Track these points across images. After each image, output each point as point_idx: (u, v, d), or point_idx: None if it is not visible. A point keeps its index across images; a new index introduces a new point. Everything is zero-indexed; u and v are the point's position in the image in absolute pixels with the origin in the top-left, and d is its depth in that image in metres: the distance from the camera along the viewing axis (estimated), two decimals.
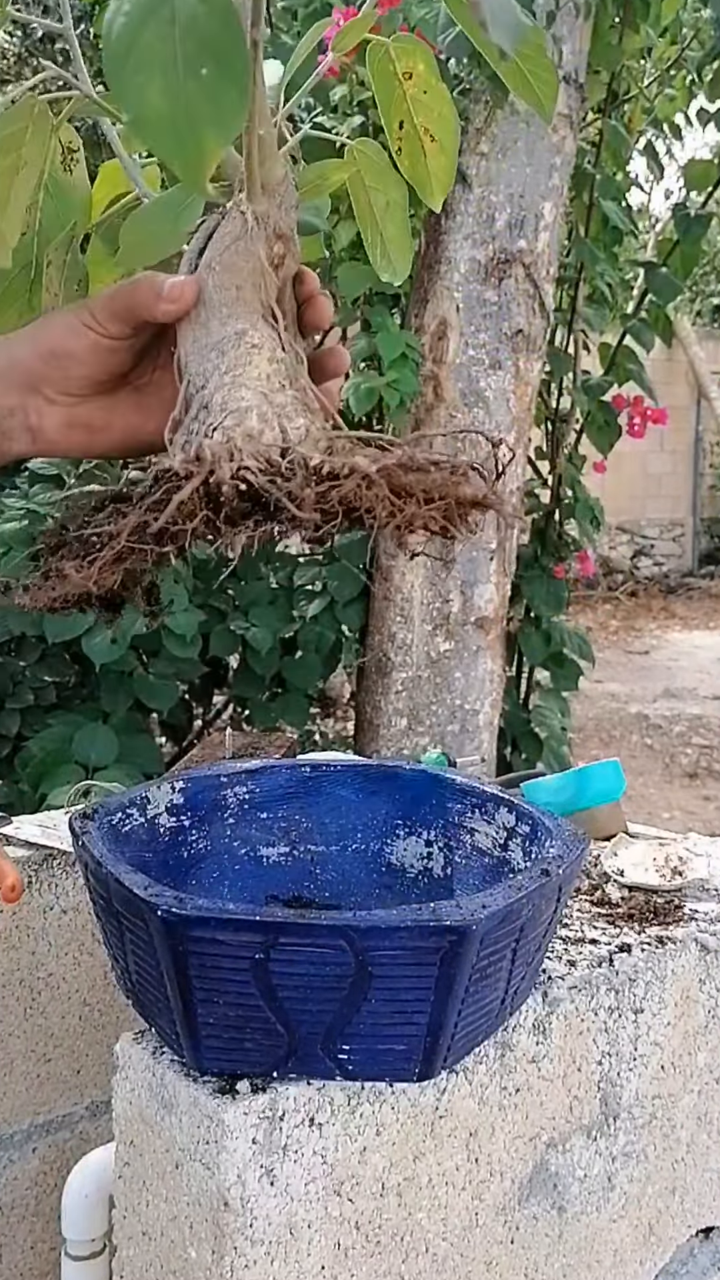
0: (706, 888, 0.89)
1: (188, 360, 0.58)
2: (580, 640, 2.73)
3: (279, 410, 0.54)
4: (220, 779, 0.80)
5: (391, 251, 0.73)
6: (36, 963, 0.95)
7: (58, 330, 0.62)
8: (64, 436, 0.63)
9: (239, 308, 0.57)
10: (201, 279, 0.58)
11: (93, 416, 0.63)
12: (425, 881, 0.80)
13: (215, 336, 0.57)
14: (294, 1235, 0.59)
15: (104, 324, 0.61)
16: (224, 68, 0.45)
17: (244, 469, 0.50)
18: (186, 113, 0.45)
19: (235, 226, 0.58)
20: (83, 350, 0.61)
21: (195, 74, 0.45)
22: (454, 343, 2.29)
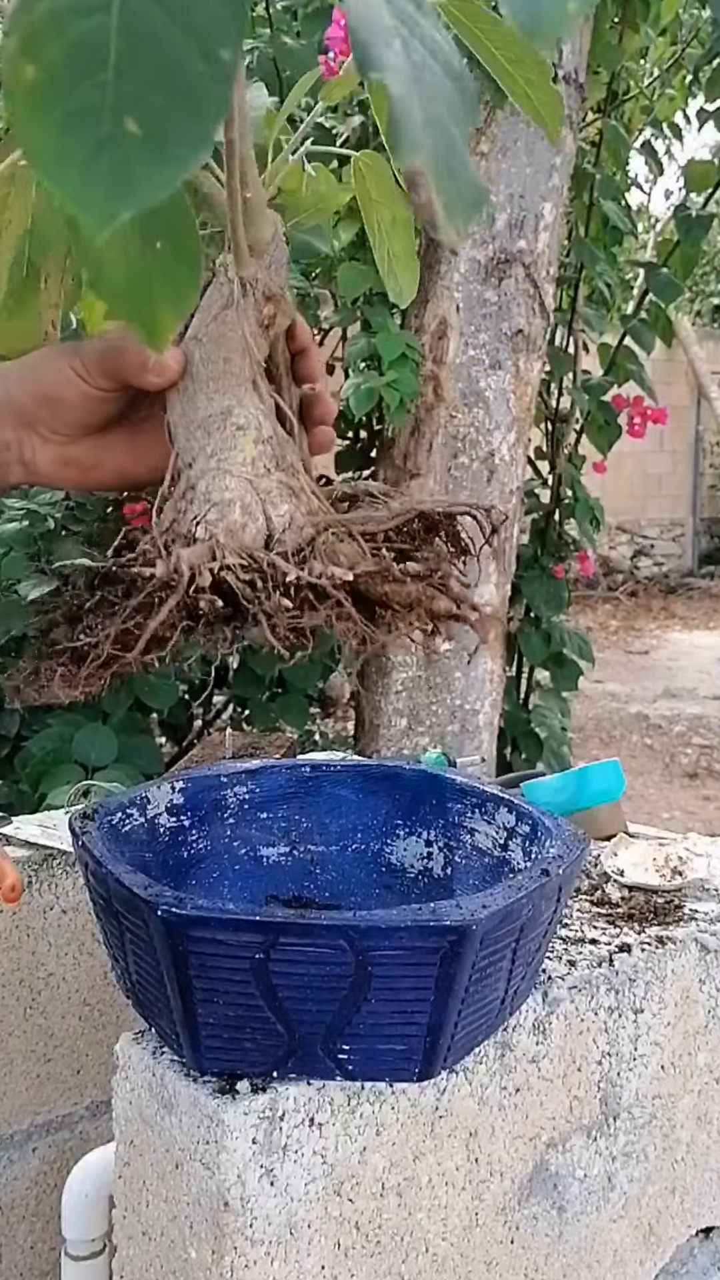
0: (706, 888, 0.89)
1: (176, 431, 0.57)
2: (580, 640, 2.73)
3: (264, 496, 0.54)
4: (220, 779, 0.80)
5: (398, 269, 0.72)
6: (36, 963, 0.95)
7: (50, 376, 0.62)
8: (57, 472, 0.63)
9: (226, 381, 0.57)
10: (188, 350, 0.57)
11: (85, 455, 0.63)
12: (425, 881, 0.80)
13: (202, 413, 0.56)
14: (294, 1235, 0.59)
15: (94, 377, 0.61)
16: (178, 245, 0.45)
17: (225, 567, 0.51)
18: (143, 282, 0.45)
19: (223, 295, 0.57)
20: (74, 398, 0.61)
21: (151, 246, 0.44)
22: (454, 343, 2.29)
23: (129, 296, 0.45)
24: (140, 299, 0.45)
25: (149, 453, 0.64)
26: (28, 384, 0.62)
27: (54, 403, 0.61)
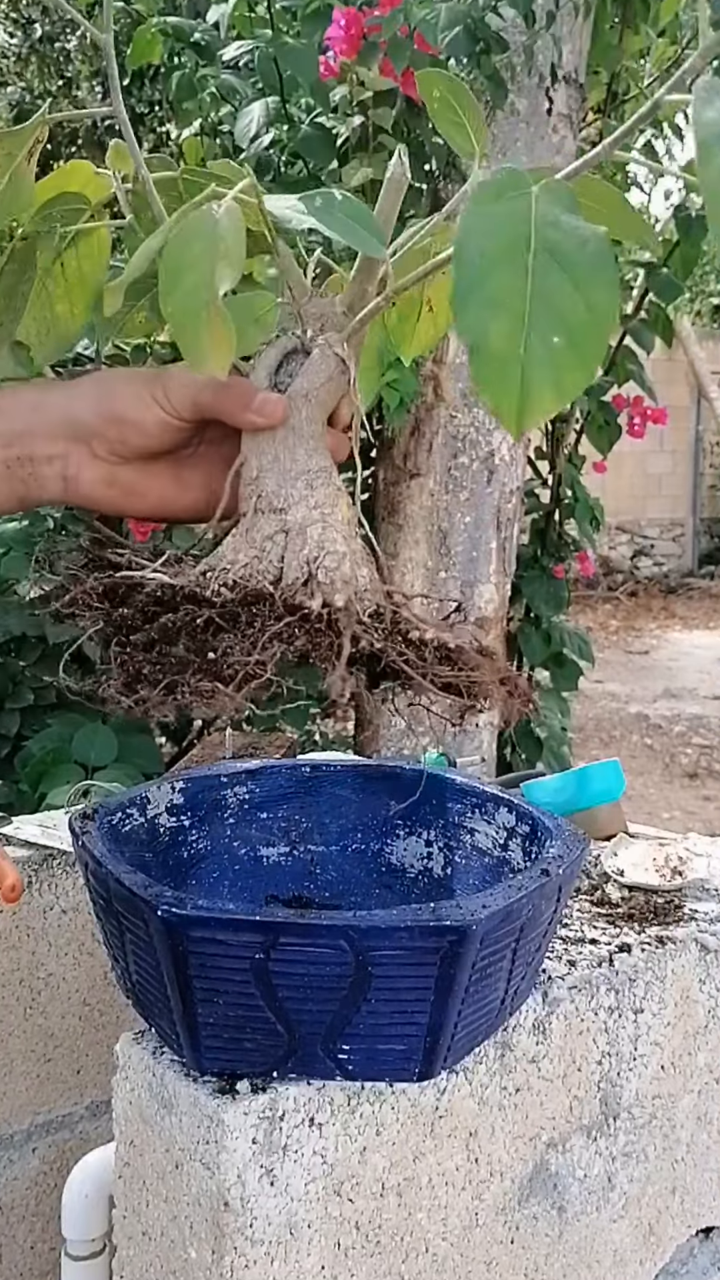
0: (706, 888, 0.89)
1: (263, 475, 0.60)
2: (580, 640, 2.73)
3: (355, 558, 0.59)
4: (220, 779, 0.80)
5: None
6: (36, 963, 0.95)
7: (126, 398, 0.63)
8: (99, 492, 0.64)
9: (323, 442, 0.62)
10: (295, 405, 0.61)
11: (132, 479, 0.65)
12: (425, 881, 0.80)
13: (301, 466, 0.60)
14: (294, 1235, 0.59)
15: (178, 408, 0.62)
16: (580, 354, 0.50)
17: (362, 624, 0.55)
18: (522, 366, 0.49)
19: (330, 366, 0.62)
20: (149, 424, 0.63)
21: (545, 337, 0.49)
22: (454, 343, 2.29)
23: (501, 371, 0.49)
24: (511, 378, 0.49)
25: (191, 488, 0.66)
26: (97, 401, 0.63)
27: (123, 423, 0.63)
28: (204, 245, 0.54)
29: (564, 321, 0.49)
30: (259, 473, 0.61)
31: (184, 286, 0.54)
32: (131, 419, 0.63)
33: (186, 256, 0.54)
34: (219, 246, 0.53)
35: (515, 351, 0.49)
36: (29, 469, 0.63)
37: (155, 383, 0.63)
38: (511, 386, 0.49)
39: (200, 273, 0.53)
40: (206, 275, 0.53)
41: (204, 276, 0.53)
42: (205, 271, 0.53)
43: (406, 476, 2.32)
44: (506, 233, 0.50)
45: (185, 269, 0.54)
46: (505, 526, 2.39)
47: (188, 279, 0.54)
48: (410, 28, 1.88)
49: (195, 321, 0.53)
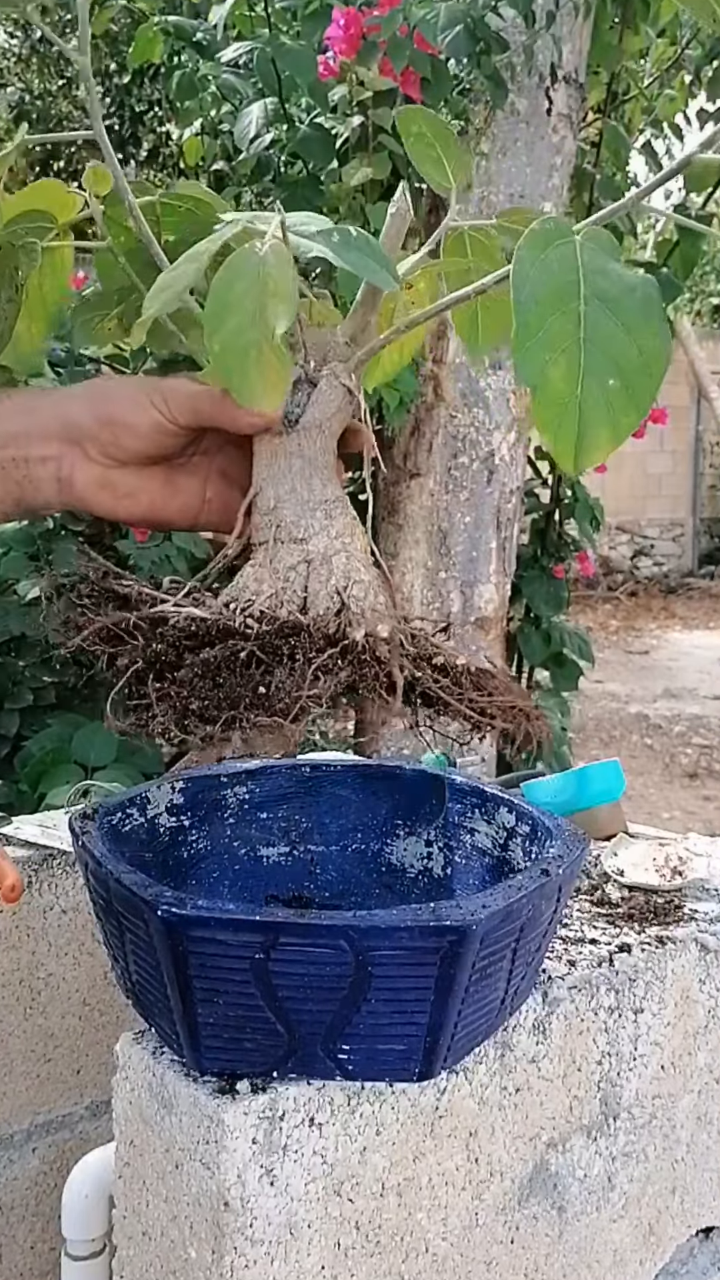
0: (706, 888, 0.89)
1: (281, 505, 0.61)
2: (580, 640, 2.73)
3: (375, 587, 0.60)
4: (220, 779, 0.80)
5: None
6: (36, 963, 0.95)
7: (124, 402, 0.64)
8: (92, 495, 0.65)
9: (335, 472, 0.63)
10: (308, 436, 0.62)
11: (125, 482, 0.66)
12: (425, 881, 0.80)
13: (318, 495, 0.61)
14: (294, 1235, 0.59)
15: (175, 414, 0.63)
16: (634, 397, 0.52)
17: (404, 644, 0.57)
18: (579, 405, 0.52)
19: (338, 397, 0.63)
20: (145, 428, 0.64)
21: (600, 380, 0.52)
22: (454, 343, 2.29)
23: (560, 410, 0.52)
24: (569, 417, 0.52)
25: (183, 494, 0.67)
26: (93, 404, 0.64)
27: (120, 427, 0.63)
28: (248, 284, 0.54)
29: (617, 365, 0.52)
30: (276, 503, 0.61)
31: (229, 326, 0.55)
32: (126, 422, 0.63)
33: (231, 295, 0.55)
34: (268, 285, 0.54)
35: (573, 394, 0.51)
36: (24, 470, 0.64)
37: (154, 389, 0.64)
38: (570, 428, 0.51)
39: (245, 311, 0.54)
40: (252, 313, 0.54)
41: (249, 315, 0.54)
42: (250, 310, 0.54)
43: (406, 476, 2.32)
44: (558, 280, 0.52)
45: (230, 308, 0.55)
46: (505, 526, 2.39)
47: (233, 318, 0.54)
48: (410, 27, 1.88)
49: (244, 360, 0.54)
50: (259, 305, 0.54)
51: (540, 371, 0.51)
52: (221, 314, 0.55)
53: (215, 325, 0.55)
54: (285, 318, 0.54)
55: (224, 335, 0.55)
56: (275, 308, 0.54)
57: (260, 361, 0.55)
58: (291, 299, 0.55)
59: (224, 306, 0.55)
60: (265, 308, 0.54)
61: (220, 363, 0.55)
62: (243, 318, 0.54)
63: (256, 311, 0.54)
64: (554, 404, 0.51)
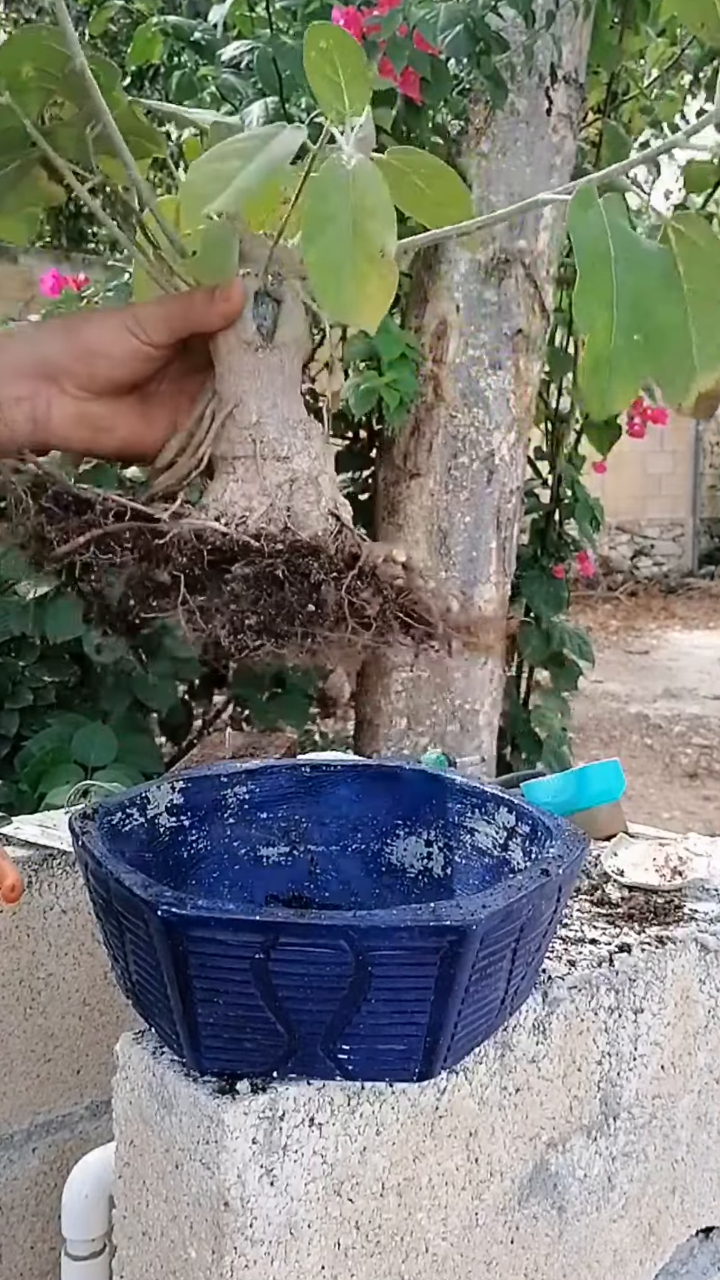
0: (706, 888, 0.89)
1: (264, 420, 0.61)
2: (580, 640, 2.73)
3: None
4: (220, 779, 0.80)
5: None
6: (36, 963, 0.95)
7: (97, 331, 0.64)
8: (69, 430, 0.65)
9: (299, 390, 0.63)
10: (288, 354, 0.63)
11: (101, 416, 0.65)
12: (425, 881, 0.80)
13: (298, 415, 0.62)
14: (294, 1235, 0.59)
15: (149, 332, 0.63)
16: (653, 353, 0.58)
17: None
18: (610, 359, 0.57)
19: (301, 314, 0.63)
20: (121, 353, 0.63)
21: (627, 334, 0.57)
22: (454, 343, 2.29)
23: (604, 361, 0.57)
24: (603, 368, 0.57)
25: (158, 424, 0.66)
26: (65, 337, 0.64)
27: (95, 357, 0.63)
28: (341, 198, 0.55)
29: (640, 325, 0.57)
30: (259, 418, 0.61)
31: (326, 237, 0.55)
32: (101, 350, 0.63)
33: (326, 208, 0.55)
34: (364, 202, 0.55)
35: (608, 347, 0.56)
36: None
37: (127, 315, 0.64)
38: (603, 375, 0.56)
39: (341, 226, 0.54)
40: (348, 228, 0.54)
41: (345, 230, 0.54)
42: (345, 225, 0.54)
43: (406, 476, 2.32)
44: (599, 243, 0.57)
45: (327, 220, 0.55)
46: (505, 526, 2.39)
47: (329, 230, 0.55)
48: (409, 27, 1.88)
49: (339, 274, 0.54)
50: (355, 220, 0.54)
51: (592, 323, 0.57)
52: (321, 225, 0.55)
53: (312, 237, 0.55)
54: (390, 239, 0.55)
55: (320, 247, 0.55)
56: (375, 228, 0.54)
57: (359, 276, 0.55)
58: (390, 219, 0.55)
59: (322, 219, 0.55)
60: (364, 225, 0.54)
61: (316, 275, 0.55)
62: (339, 231, 0.54)
63: (353, 226, 0.54)
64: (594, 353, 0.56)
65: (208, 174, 0.57)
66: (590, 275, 0.57)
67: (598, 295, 0.57)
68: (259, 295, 0.63)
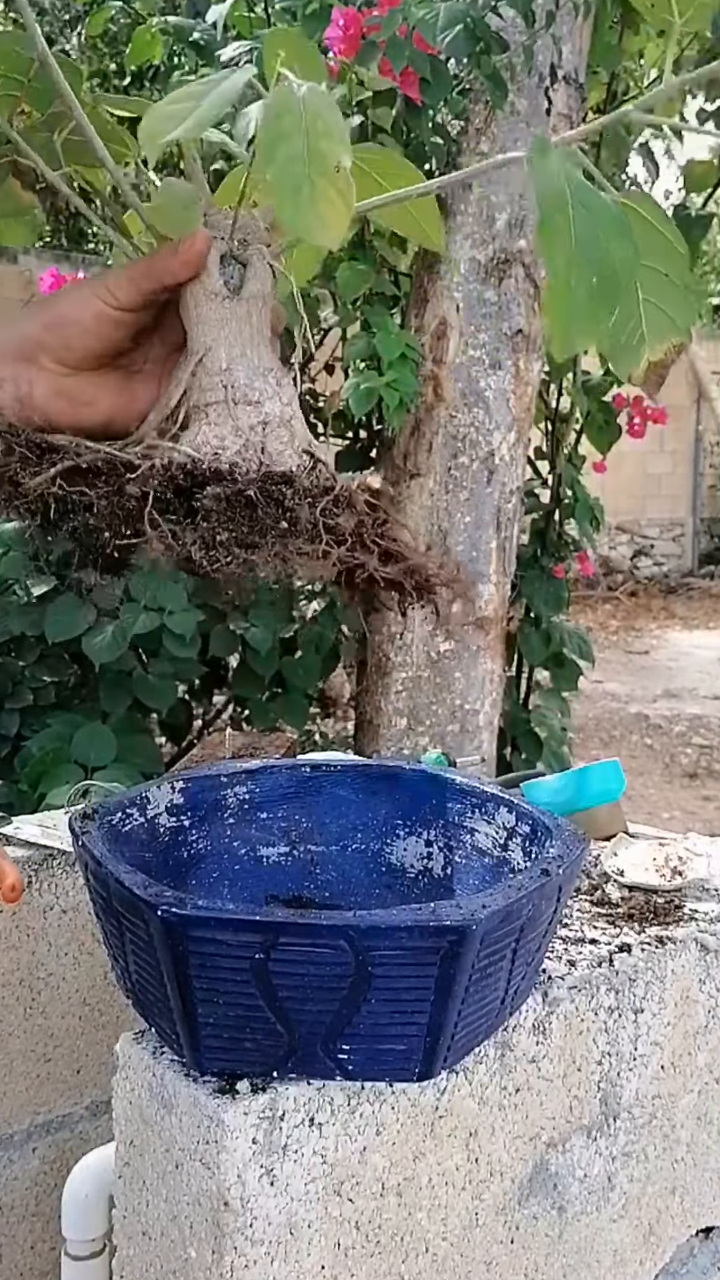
0: (706, 888, 0.89)
1: (234, 366, 0.62)
2: (580, 640, 2.73)
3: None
4: (220, 779, 0.80)
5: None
6: (36, 963, 0.95)
7: (66, 302, 0.65)
8: (51, 404, 0.66)
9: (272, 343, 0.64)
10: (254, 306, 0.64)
11: (82, 390, 0.66)
12: (425, 881, 0.80)
13: (268, 363, 0.63)
14: (294, 1235, 0.59)
15: (116, 294, 0.64)
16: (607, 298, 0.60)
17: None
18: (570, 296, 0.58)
19: (267, 273, 0.64)
20: (89, 319, 0.64)
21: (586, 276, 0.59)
22: (454, 343, 2.29)
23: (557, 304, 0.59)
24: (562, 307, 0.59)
25: (139, 400, 0.67)
26: (43, 313, 0.65)
27: (66, 325, 0.64)
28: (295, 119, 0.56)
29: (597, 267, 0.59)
30: (229, 364, 0.62)
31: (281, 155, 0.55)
32: (73, 319, 0.64)
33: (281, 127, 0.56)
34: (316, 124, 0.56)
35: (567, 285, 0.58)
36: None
37: (95, 282, 0.65)
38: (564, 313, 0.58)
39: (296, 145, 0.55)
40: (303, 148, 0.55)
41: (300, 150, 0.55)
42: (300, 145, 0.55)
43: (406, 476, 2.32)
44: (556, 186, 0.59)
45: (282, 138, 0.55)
46: (505, 526, 2.39)
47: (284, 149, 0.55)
48: (409, 27, 1.88)
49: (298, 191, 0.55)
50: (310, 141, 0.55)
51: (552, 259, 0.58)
52: (275, 144, 0.56)
53: (268, 155, 0.56)
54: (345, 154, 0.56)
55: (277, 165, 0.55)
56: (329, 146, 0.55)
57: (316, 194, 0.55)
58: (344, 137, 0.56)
59: (276, 137, 0.56)
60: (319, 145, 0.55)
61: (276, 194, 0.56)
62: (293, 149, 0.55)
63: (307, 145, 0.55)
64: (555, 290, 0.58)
65: (163, 114, 0.59)
66: (550, 217, 0.58)
67: (557, 235, 0.58)
68: (225, 258, 0.64)
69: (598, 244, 0.59)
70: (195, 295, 0.63)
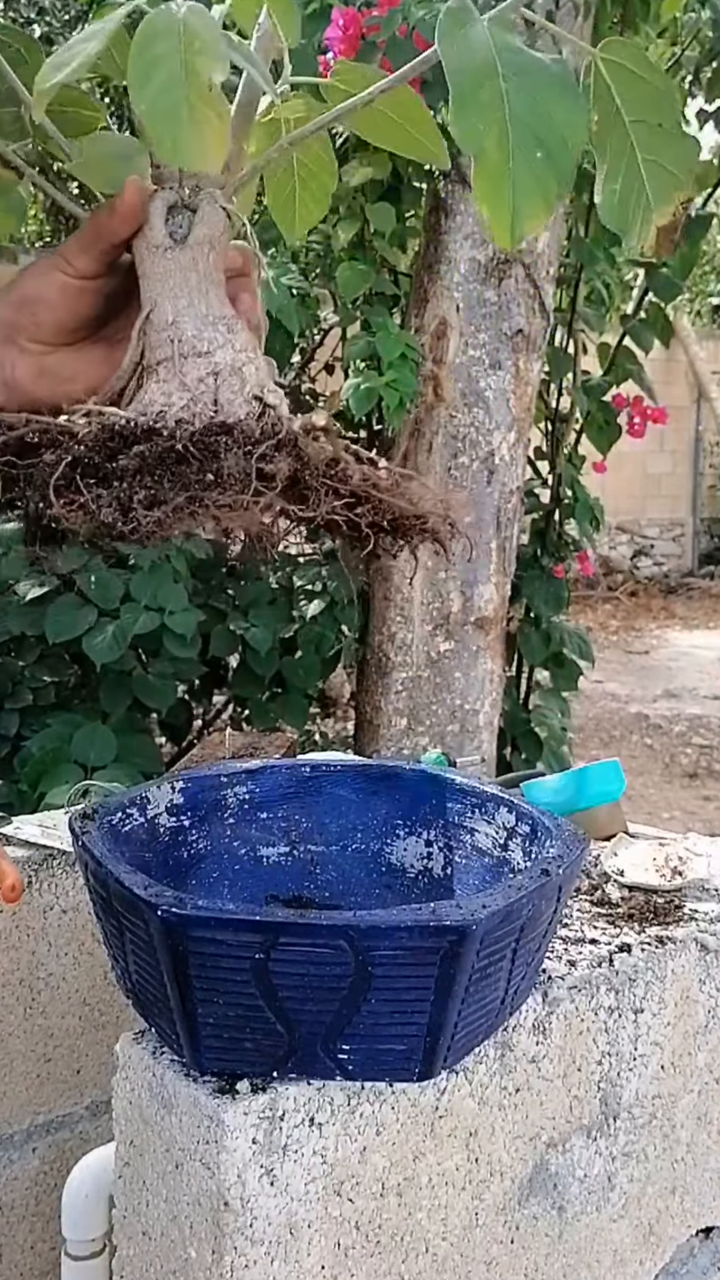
0: (706, 888, 0.89)
1: (180, 319, 0.61)
2: (580, 640, 2.73)
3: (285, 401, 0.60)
4: (220, 779, 0.80)
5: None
6: (36, 963, 0.95)
7: (30, 279, 0.64)
8: (35, 384, 0.65)
9: (225, 295, 0.62)
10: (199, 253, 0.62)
11: (63, 366, 0.65)
12: (425, 881, 0.80)
13: (218, 312, 0.61)
14: (294, 1235, 0.59)
15: (72, 262, 0.63)
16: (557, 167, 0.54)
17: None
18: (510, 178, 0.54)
19: (220, 217, 0.62)
20: (53, 293, 0.63)
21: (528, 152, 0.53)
22: (454, 343, 2.29)
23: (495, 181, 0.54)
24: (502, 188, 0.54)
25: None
26: (10, 294, 0.65)
27: (34, 303, 0.64)
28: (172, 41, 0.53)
29: (539, 138, 0.54)
30: (175, 317, 0.61)
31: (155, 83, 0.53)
32: (37, 294, 0.64)
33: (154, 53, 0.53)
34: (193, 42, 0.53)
35: (505, 165, 0.53)
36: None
37: (53, 255, 0.64)
38: (505, 198, 0.53)
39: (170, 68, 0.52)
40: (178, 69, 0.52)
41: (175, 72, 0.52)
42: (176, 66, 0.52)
43: None
44: (480, 57, 0.53)
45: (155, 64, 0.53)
46: (505, 526, 2.39)
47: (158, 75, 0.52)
48: (409, 27, 1.88)
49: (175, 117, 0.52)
50: (185, 61, 0.52)
51: (477, 142, 0.53)
52: (147, 72, 0.53)
53: (140, 84, 0.53)
54: (218, 70, 0.53)
55: (150, 94, 0.52)
56: (204, 63, 0.53)
57: (194, 117, 0.53)
58: (221, 54, 0.53)
59: (148, 64, 0.53)
60: (193, 63, 0.52)
61: (150, 124, 0.53)
62: (169, 73, 0.52)
63: (184, 66, 0.52)
64: (490, 175, 0.53)
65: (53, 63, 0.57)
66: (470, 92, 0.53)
67: (482, 112, 0.53)
68: (174, 208, 0.62)
69: (539, 112, 0.54)
70: (139, 249, 0.62)
